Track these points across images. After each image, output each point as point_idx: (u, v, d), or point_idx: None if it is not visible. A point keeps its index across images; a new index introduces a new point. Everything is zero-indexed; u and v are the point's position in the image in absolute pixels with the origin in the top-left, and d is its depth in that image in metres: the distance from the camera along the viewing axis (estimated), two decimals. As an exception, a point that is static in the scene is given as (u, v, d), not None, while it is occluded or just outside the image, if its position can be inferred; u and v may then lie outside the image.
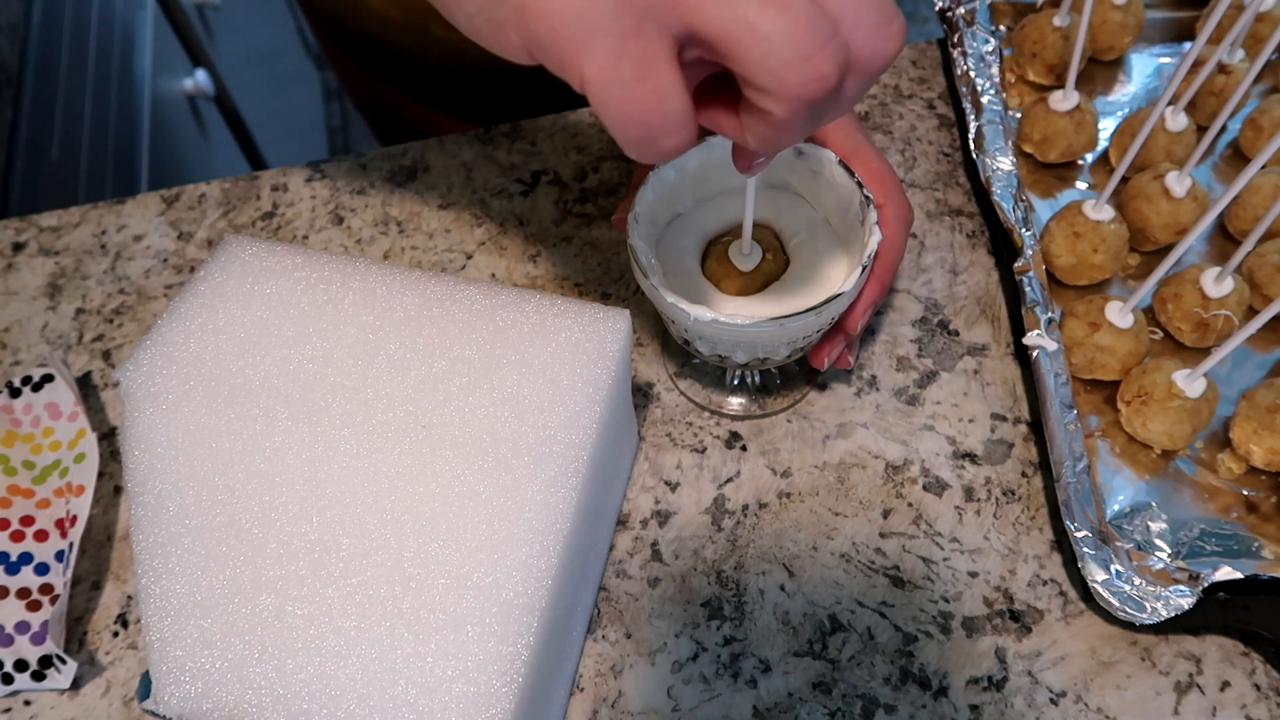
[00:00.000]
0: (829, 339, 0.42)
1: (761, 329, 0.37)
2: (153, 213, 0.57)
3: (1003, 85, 0.55)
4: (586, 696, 0.41)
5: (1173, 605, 0.39)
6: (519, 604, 0.33)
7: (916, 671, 0.41)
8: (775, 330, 0.37)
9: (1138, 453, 0.45)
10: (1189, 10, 0.60)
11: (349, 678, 0.32)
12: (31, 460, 0.46)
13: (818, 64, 0.25)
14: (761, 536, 0.44)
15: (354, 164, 0.58)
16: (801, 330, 0.38)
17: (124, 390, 0.37)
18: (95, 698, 0.42)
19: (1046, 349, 0.45)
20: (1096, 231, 0.48)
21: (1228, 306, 0.45)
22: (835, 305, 0.37)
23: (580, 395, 0.36)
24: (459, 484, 0.35)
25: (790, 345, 0.40)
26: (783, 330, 0.37)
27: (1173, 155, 0.52)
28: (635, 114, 0.26)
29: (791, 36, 0.24)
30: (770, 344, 0.39)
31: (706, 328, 0.37)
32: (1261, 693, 0.40)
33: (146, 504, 0.35)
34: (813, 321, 0.38)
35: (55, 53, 0.94)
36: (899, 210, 0.41)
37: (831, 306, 0.37)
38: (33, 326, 0.53)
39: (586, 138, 0.58)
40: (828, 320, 0.39)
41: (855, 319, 0.41)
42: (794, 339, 0.39)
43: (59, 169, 0.89)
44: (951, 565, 0.43)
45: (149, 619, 0.34)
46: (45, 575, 0.43)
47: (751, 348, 0.40)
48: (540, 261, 0.53)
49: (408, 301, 0.39)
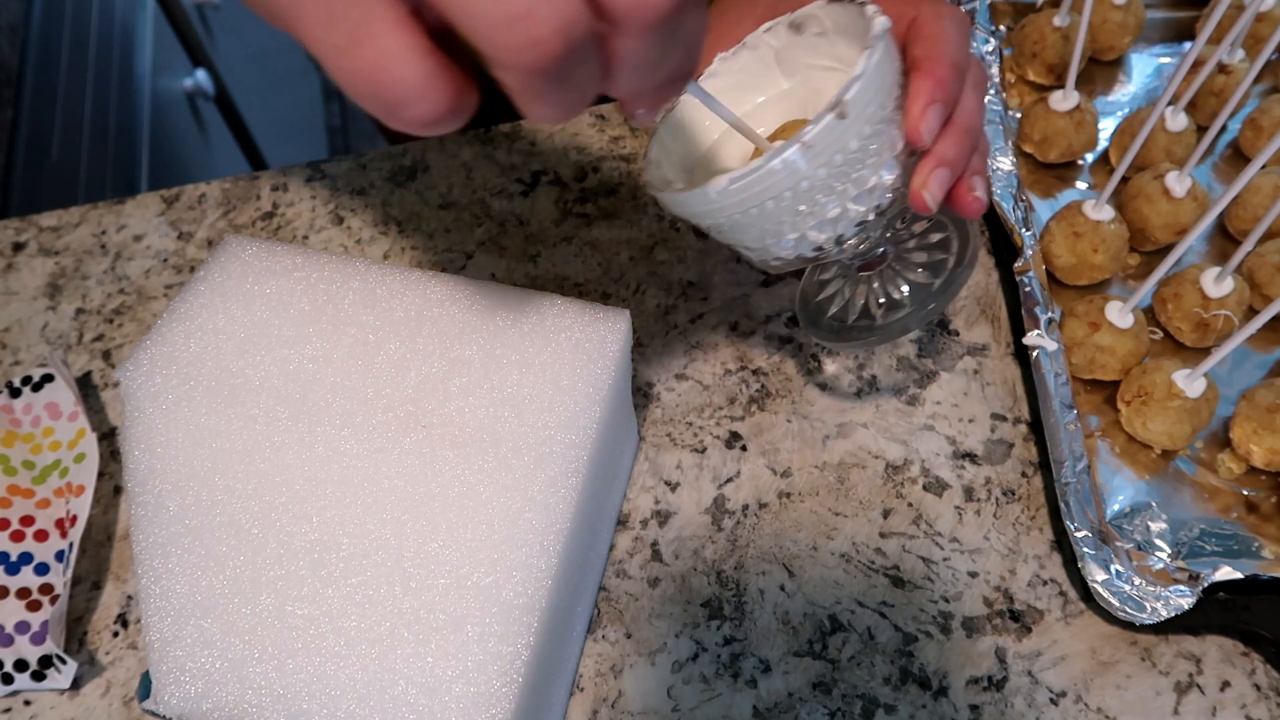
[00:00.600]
0: (917, 170, 0.35)
1: (785, 157, 0.31)
2: (153, 213, 0.57)
3: (1003, 85, 0.55)
4: (586, 696, 0.41)
5: (1173, 605, 0.39)
6: (519, 604, 0.33)
7: (916, 671, 0.41)
8: (801, 157, 0.31)
9: (1138, 453, 0.45)
10: (1189, 10, 0.60)
11: (349, 678, 0.32)
12: (31, 460, 0.46)
13: (529, 27, 0.21)
14: (761, 536, 0.44)
15: (354, 164, 0.58)
16: (835, 144, 0.31)
17: (124, 390, 0.37)
18: (95, 698, 0.42)
19: (1046, 349, 0.45)
20: (1096, 231, 0.48)
21: (1228, 306, 0.45)
22: (856, 98, 0.31)
23: (580, 395, 0.36)
24: (459, 484, 0.35)
25: (860, 188, 0.33)
26: (810, 153, 0.31)
27: (1173, 155, 0.52)
28: (360, 84, 0.23)
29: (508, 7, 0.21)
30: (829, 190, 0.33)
31: (739, 195, 0.32)
32: (1261, 693, 0.40)
33: (146, 504, 0.35)
34: (839, 129, 0.31)
35: (55, 53, 0.94)
36: (939, 9, 0.36)
37: (853, 100, 0.31)
38: (33, 326, 0.53)
39: (586, 138, 0.58)
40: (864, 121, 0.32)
41: (914, 122, 0.34)
42: (850, 172, 0.33)
43: (59, 169, 0.89)
44: (951, 565, 0.43)
45: (149, 619, 0.34)
46: (45, 575, 0.43)
47: (811, 202, 0.33)
48: (540, 261, 0.53)
49: (408, 301, 0.39)
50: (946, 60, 0.35)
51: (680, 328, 0.51)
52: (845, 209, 0.34)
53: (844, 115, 0.31)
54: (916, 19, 0.36)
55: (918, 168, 0.35)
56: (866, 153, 0.33)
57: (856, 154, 0.33)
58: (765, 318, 0.51)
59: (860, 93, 0.31)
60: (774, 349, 0.50)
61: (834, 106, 0.31)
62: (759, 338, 0.50)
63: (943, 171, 0.35)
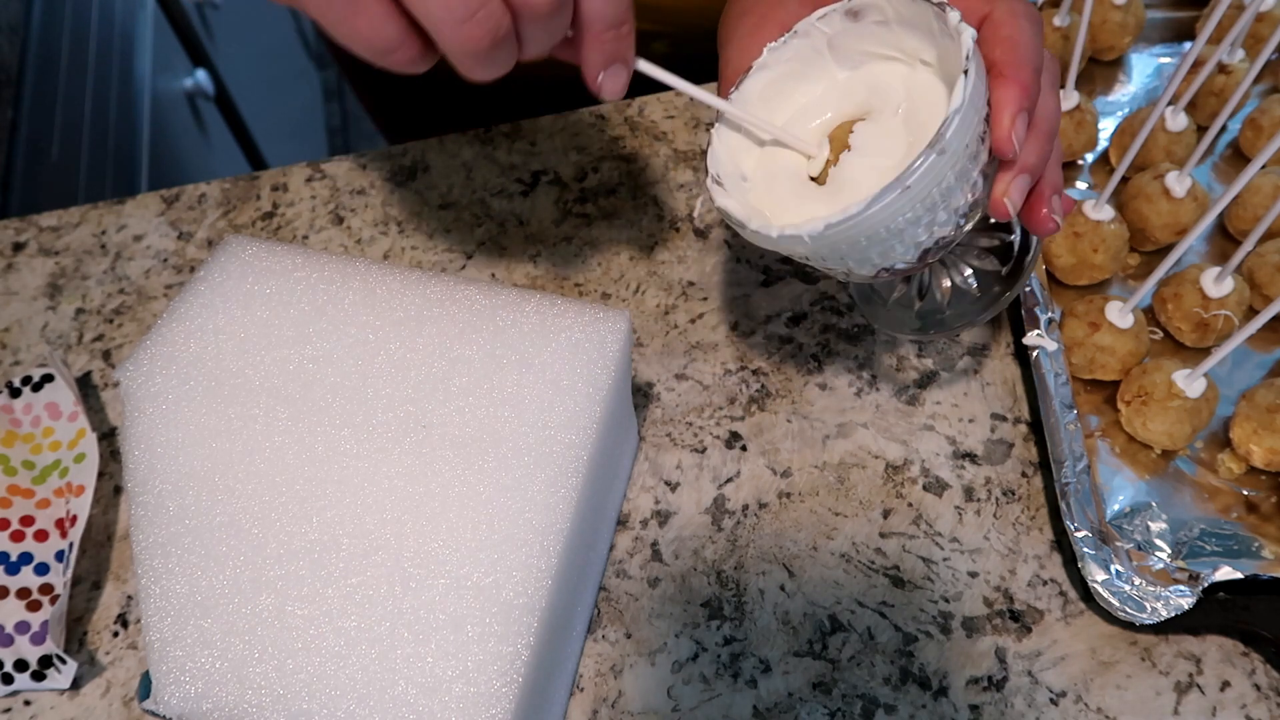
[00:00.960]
0: (999, 178, 0.35)
1: (886, 203, 0.31)
2: (153, 213, 0.57)
3: (1003, 85, 0.55)
4: (586, 696, 0.41)
5: (1173, 605, 0.39)
6: (519, 604, 0.33)
7: (916, 671, 0.41)
8: (901, 198, 0.31)
9: (1138, 453, 0.45)
10: (1189, 10, 0.60)
11: (349, 678, 0.32)
12: (31, 460, 0.46)
13: (468, 30, 0.30)
14: (761, 536, 0.44)
15: (354, 164, 0.58)
16: (934, 180, 0.31)
17: (124, 390, 0.37)
18: (95, 698, 0.42)
19: (1046, 349, 0.45)
20: (1096, 231, 0.48)
21: (1228, 306, 0.45)
22: (956, 133, 0.31)
23: (580, 395, 0.36)
24: (459, 484, 0.35)
25: (948, 210, 0.33)
26: (909, 194, 0.31)
27: (1173, 155, 0.52)
28: (357, 41, 0.31)
29: (447, 5, 0.30)
30: (917, 219, 0.33)
31: (833, 237, 0.32)
32: (1261, 693, 0.40)
33: (146, 504, 0.35)
34: (939, 165, 0.31)
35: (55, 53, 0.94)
36: (1014, 6, 0.35)
37: (952, 136, 0.31)
38: (33, 326, 0.53)
39: (586, 138, 0.58)
40: (961, 153, 0.32)
41: (1003, 134, 0.33)
42: (941, 201, 0.33)
43: (59, 169, 0.89)
44: (951, 565, 0.43)
45: (149, 619, 0.34)
46: (45, 575, 0.43)
47: (901, 234, 0.33)
48: (540, 261, 0.53)
49: (408, 301, 0.39)
50: (1029, 65, 0.33)
51: (680, 328, 0.51)
52: (933, 232, 0.34)
53: (944, 151, 0.31)
54: (991, 17, 0.34)
55: (999, 176, 0.35)
56: (960, 178, 0.33)
57: (952, 183, 0.33)
58: (765, 318, 0.51)
59: (960, 125, 0.31)
60: (774, 349, 0.50)
61: (934, 144, 0.31)
62: (759, 338, 0.50)
63: (1024, 178, 0.35)
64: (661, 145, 0.58)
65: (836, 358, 0.49)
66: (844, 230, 0.32)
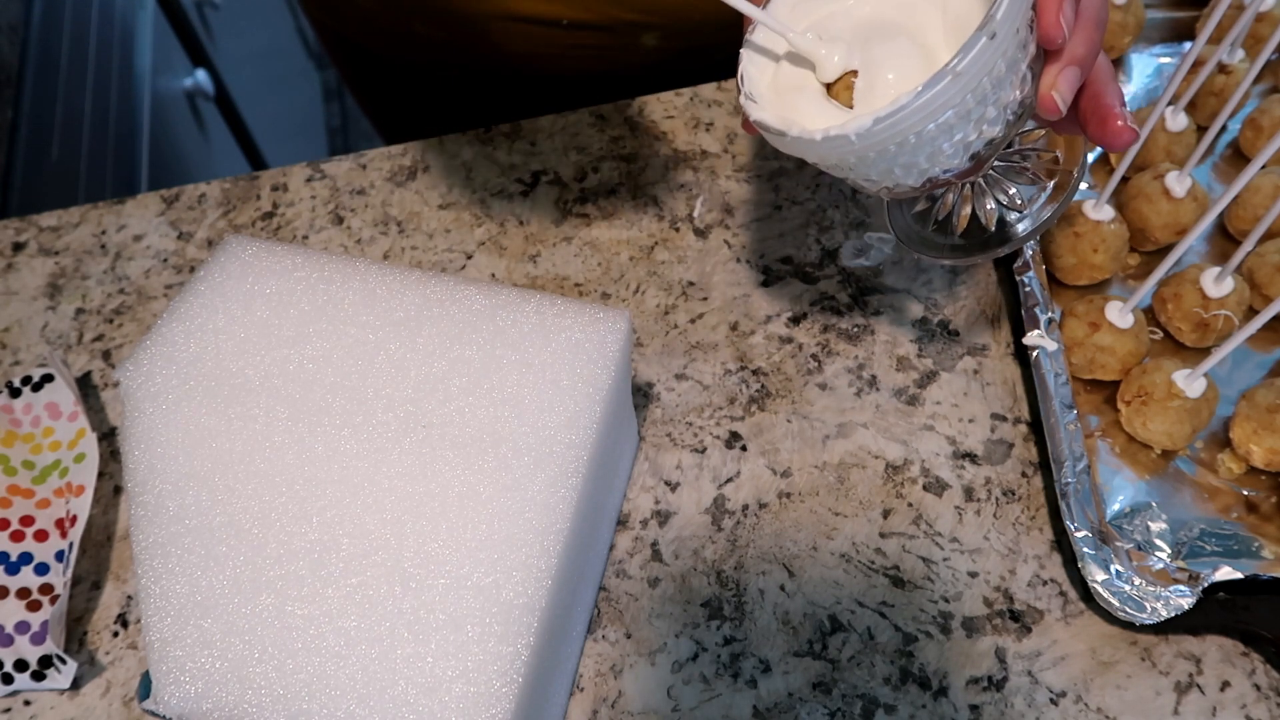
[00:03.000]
0: (1046, 70, 0.33)
1: (936, 91, 0.29)
2: (153, 213, 0.57)
3: (1003, 85, 0.55)
4: (586, 696, 0.41)
5: (1173, 605, 0.39)
6: (519, 604, 0.33)
7: (916, 671, 0.41)
8: (952, 86, 0.29)
9: (1138, 453, 0.45)
10: (1189, 10, 0.60)
11: (349, 678, 0.32)
12: (31, 460, 0.46)
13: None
14: (761, 536, 0.44)
15: (354, 164, 0.58)
16: (985, 67, 0.29)
17: (124, 390, 0.37)
18: (95, 698, 0.42)
19: (1046, 349, 0.45)
20: (1096, 231, 0.48)
21: (1228, 306, 0.45)
22: (1006, 13, 0.29)
23: (580, 395, 0.36)
24: (459, 484, 0.35)
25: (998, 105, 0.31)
26: (960, 81, 0.29)
27: (1173, 155, 0.52)
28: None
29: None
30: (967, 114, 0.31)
31: (880, 134, 0.30)
32: (1261, 693, 0.40)
33: (146, 504, 0.35)
34: (990, 50, 0.29)
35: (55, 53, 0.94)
36: None
37: (1003, 18, 0.29)
38: (33, 326, 0.53)
39: (586, 138, 0.58)
40: (1012, 38, 0.30)
41: (1050, 18, 0.31)
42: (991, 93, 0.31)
43: (59, 169, 0.89)
44: (951, 565, 0.43)
45: (149, 619, 0.34)
46: (45, 575, 0.43)
47: (950, 132, 0.31)
48: (540, 261, 0.53)
49: (408, 301, 0.39)
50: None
51: (680, 328, 0.51)
52: (982, 131, 0.32)
53: (995, 35, 0.29)
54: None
55: (1045, 69, 0.32)
56: (1011, 69, 0.31)
57: (1003, 73, 0.31)
58: (765, 318, 0.51)
59: (1010, 6, 0.29)
60: (774, 349, 0.50)
61: (984, 26, 0.29)
62: (759, 338, 0.50)
63: (1073, 70, 0.33)
64: (661, 145, 0.58)
65: (836, 358, 0.49)
66: (892, 125, 0.30)
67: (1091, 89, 0.35)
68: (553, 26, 0.62)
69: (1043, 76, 0.33)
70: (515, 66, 0.59)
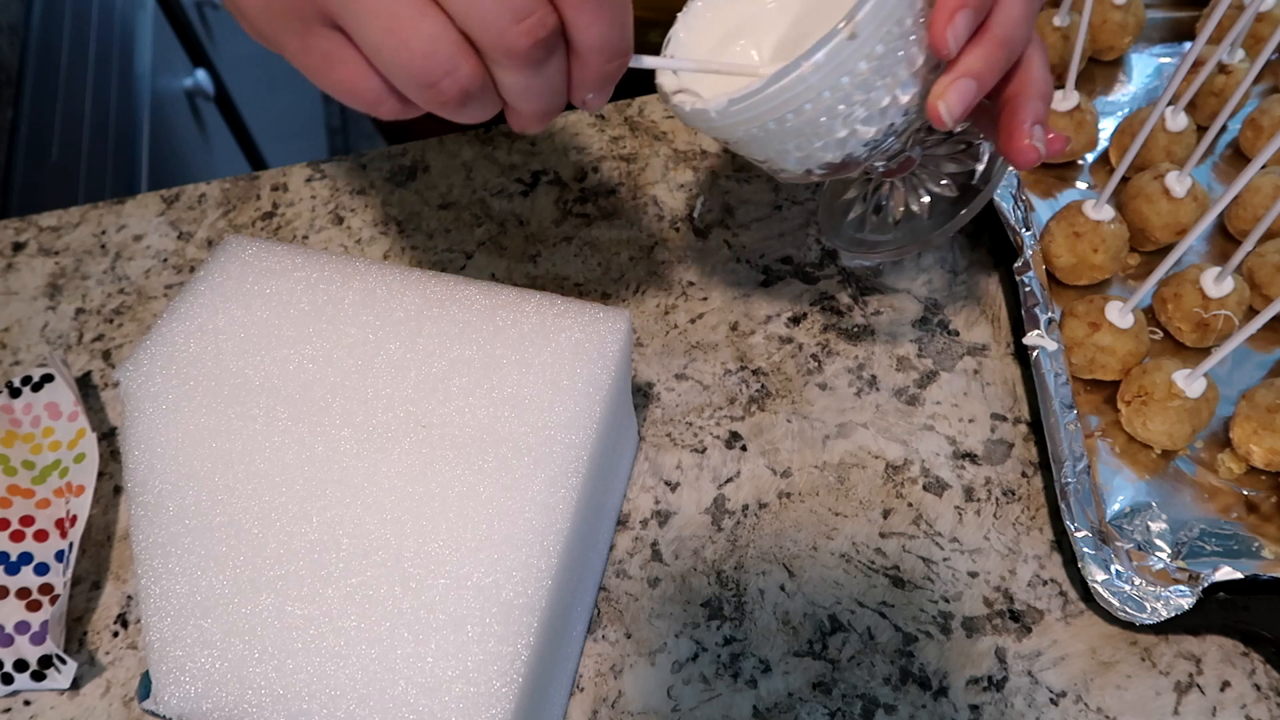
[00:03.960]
0: (938, 80, 0.33)
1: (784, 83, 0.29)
2: (153, 213, 0.57)
3: (1003, 85, 0.55)
4: (586, 696, 0.41)
5: (1173, 605, 0.39)
6: (519, 604, 0.33)
7: (916, 671, 0.41)
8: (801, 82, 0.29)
9: (1138, 453, 0.45)
10: (1189, 10, 0.60)
11: (349, 678, 0.32)
12: (31, 460, 0.46)
13: (438, 91, 0.28)
14: (761, 536, 0.44)
15: (354, 164, 0.58)
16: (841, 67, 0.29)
17: (124, 390, 0.37)
18: (95, 698, 0.42)
19: (1046, 349, 0.45)
20: (1096, 231, 0.48)
21: (1228, 306, 0.45)
22: (870, 15, 0.29)
23: (580, 395, 0.36)
24: (459, 484, 0.35)
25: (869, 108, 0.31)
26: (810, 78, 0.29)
27: (1173, 155, 0.52)
28: (340, 95, 0.30)
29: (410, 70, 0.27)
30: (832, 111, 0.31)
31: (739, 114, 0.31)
32: (1261, 693, 0.40)
33: (146, 504, 0.35)
34: (847, 51, 0.29)
35: (55, 53, 0.94)
36: None
37: (865, 19, 0.29)
38: (33, 326, 0.53)
39: (586, 138, 0.58)
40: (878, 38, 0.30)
41: (939, 26, 0.30)
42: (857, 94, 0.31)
43: (59, 169, 0.89)
44: (951, 565, 0.43)
45: (149, 619, 0.34)
46: (45, 575, 0.43)
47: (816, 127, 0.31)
48: (540, 261, 0.53)
49: (408, 301, 0.39)
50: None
51: (680, 328, 0.51)
52: (854, 130, 0.32)
53: (855, 36, 0.29)
54: None
55: (939, 79, 0.32)
56: (880, 73, 0.30)
57: (868, 75, 0.30)
58: (765, 318, 0.51)
59: (876, 7, 0.29)
60: (774, 349, 0.50)
61: (844, 26, 0.28)
62: (759, 338, 0.50)
63: (966, 83, 0.32)
64: (661, 145, 0.58)
65: (836, 358, 0.49)
66: (748, 109, 0.30)
67: (1011, 102, 0.34)
68: None
69: (934, 86, 0.32)
70: None
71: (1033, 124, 0.34)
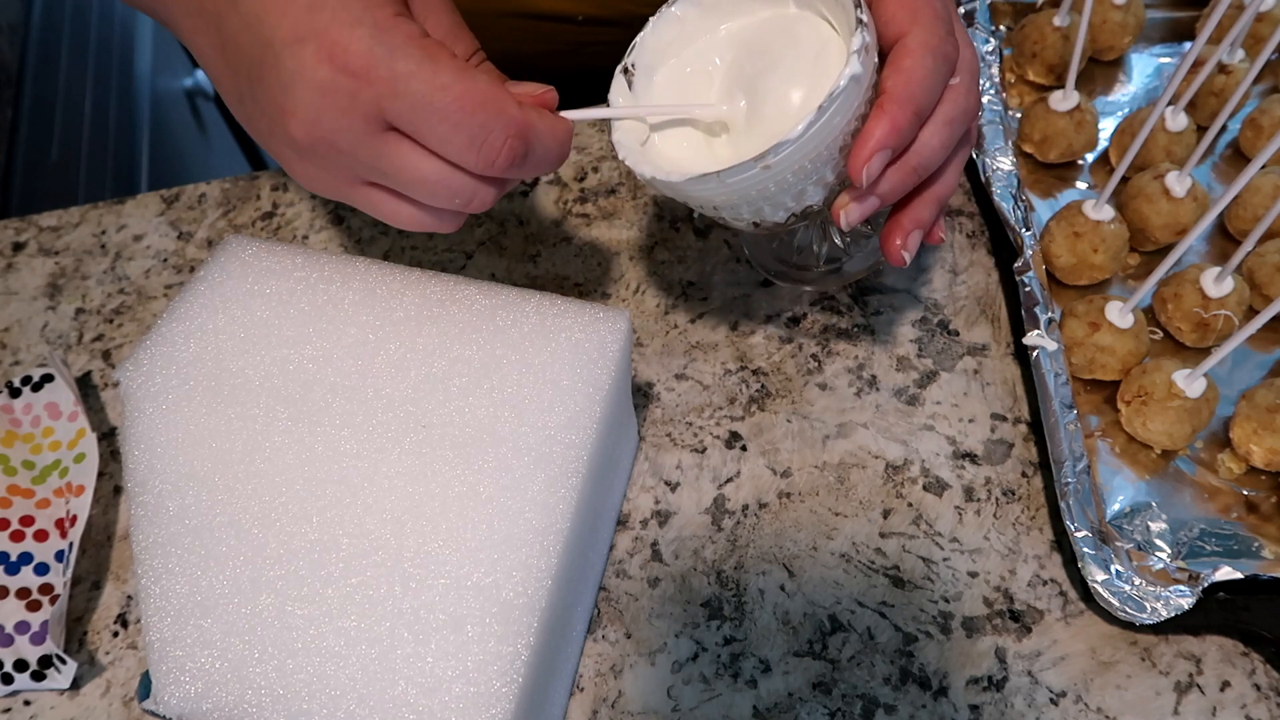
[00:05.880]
0: (846, 191, 0.37)
1: (708, 187, 0.34)
2: (153, 213, 0.57)
3: (1002, 85, 0.55)
4: (586, 696, 0.41)
5: (1173, 605, 0.39)
6: (519, 604, 0.33)
7: (916, 671, 0.41)
8: (716, 186, 0.34)
9: (1138, 453, 0.45)
10: (1189, 10, 0.60)
11: (349, 678, 0.32)
12: (31, 460, 0.46)
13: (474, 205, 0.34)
14: (761, 536, 0.44)
15: (354, 164, 0.58)
16: (751, 188, 0.34)
17: (124, 390, 0.37)
18: (95, 698, 0.42)
19: (1046, 349, 0.45)
20: (1096, 231, 0.48)
21: (1228, 306, 0.45)
22: (784, 160, 0.33)
23: (580, 395, 0.36)
24: (459, 484, 0.35)
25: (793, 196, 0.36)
26: (729, 188, 0.34)
27: (1173, 155, 0.52)
28: (395, 225, 0.36)
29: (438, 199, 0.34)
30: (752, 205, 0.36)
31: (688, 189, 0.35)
32: (1261, 693, 0.40)
33: (146, 504, 0.35)
34: (761, 177, 0.34)
35: (55, 53, 0.94)
36: (928, 40, 0.34)
37: (780, 162, 0.33)
38: (33, 326, 0.53)
39: (587, 138, 0.58)
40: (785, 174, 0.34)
41: (857, 164, 0.34)
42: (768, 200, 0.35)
43: (59, 169, 0.89)
44: (951, 565, 0.43)
45: (149, 619, 0.34)
46: (45, 575, 0.43)
47: (752, 204, 0.36)
48: (540, 261, 0.53)
49: (408, 301, 0.39)
50: (911, 105, 0.34)
51: (680, 328, 0.51)
52: (766, 212, 0.37)
53: (769, 167, 0.33)
54: (904, 40, 0.34)
55: (845, 190, 0.36)
56: (787, 185, 0.35)
57: (777, 191, 0.35)
58: (765, 318, 0.51)
59: (789, 155, 0.33)
60: (774, 349, 0.50)
61: (761, 158, 0.33)
62: (759, 338, 0.50)
63: (871, 201, 0.36)
64: (661, 145, 0.58)
65: (836, 358, 0.49)
66: (679, 191, 0.35)
67: (905, 202, 0.38)
68: (566, 23, 0.62)
69: (841, 195, 0.36)
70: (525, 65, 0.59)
71: (912, 230, 0.38)
